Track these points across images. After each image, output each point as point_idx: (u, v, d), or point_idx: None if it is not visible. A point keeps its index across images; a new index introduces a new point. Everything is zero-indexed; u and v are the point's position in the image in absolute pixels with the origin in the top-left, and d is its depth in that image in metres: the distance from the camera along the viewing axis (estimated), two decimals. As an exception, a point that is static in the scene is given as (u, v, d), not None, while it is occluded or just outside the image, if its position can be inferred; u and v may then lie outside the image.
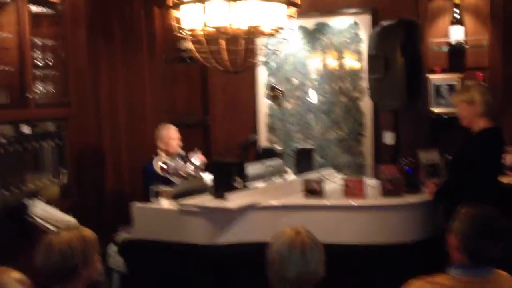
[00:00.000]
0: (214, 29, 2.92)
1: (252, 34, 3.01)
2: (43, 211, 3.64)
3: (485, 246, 2.02)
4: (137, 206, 3.62)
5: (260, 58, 3.39)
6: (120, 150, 5.17)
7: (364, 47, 4.80)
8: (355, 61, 4.90)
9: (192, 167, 4.14)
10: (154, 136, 4.55)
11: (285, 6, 3.11)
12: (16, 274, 1.48)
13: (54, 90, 4.42)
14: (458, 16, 4.56)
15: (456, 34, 4.57)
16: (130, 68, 5.18)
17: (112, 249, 4.09)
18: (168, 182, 4.04)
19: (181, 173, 4.23)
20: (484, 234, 2.03)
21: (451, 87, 4.55)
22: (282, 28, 3.14)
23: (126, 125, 5.19)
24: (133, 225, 3.61)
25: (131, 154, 5.19)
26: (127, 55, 5.16)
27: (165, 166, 4.15)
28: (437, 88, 4.63)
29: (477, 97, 3.19)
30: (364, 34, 4.84)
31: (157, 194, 3.62)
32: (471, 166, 3.13)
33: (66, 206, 4.17)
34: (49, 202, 3.94)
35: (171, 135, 4.51)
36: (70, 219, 3.80)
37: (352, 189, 3.39)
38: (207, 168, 4.26)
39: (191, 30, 3.01)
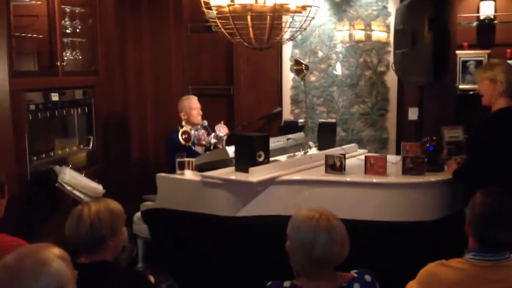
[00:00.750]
0: (240, 6, 2.92)
1: (278, 11, 3.00)
2: (72, 178, 3.75)
3: (494, 232, 2.05)
4: (161, 176, 3.70)
5: (286, 35, 3.38)
6: (146, 118, 5.27)
7: (391, 20, 4.73)
8: (382, 35, 4.84)
9: (214, 137, 4.20)
10: (178, 108, 4.61)
11: (312, -18, 3.09)
12: (57, 250, 1.56)
13: (81, 58, 4.50)
14: (489, -9, 4.47)
15: (486, 9, 4.48)
16: (156, 36, 5.23)
17: (137, 216, 4.21)
18: (191, 153, 4.12)
19: (202, 142, 4.30)
20: (493, 221, 2.06)
21: (478, 63, 4.48)
22: (309, 6, 3.11)
23: (152, 93, 5.28)
24: (157, 194, 3.70)
25: (156, 123, 5.28)
26: (154, 24, 5.20)
27: (185, 135, 4.22)
28: (464, 64, 4.57)
29: (500, 76, 3.15)
30: (392, 7, 4.76)
31: (181, 165, 3.69)
32: (487, 146, 3.12)
33: (93, 172, 4.30)
34: (76, 168, 4.06)
35: (192, 105, 4.57)
36: (97, 186, 3.91)
37: (373, 166, 3.41)
38: (229, 139, 4.33)
39: (218, 7, 3.01)
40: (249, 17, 3.08)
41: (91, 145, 4.48)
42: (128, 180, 5.07)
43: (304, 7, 3.11)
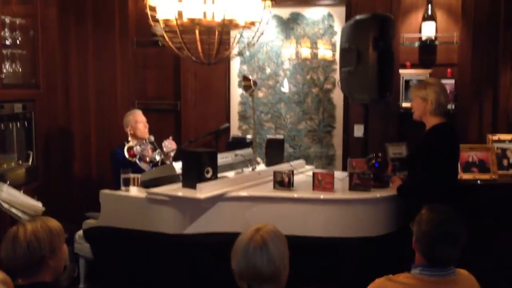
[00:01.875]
0: (188, 20, 2.89)
1: (227, 26, 2.99)
2: (9, 195, 3.58)
3: (441, 249, 2.09)
4: (105, 193, 3.59)
5: (234, 51, 3.37)
6: (89, 133, 5.12)
7: (337, 39, 4.83)
8: (328, 53, 4.92)
9: (159, 153, 4.11)
10: (123, 124, 4.50)
11: (260, -1, 3.10)
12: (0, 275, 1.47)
13: (21, 70, 4.33)
14: (430, 12, 4.62)
15: (428, 30, 4.64)
16: (101, 50, 5.11)
17: (79, 234, 4.06)
18: (137, 169, 4.02)
19: (147, 158, 4.20)
20: (438, 237, 2.10)
21: (416, 83, 4.62)
22: (257, 22, 3.12)
23: (96, 107, 5.14)
24: (101, 212, 3.58)
25: (100, 137, 5.14)
26: (99, 37, 5.08)
27: (132, 151, 4.12)
28: (407, 83, 4.69)
29: (431, 96, 3.28)
30: (338, 26, 4.86)
31: (126, 181, 3.59)
32: (426, 163, 3.22)
33: (32, 190, 4.12)
34: (14, 185, 3.88)
35: (137, 118, 4.48)
36: (36, 203, 3.75)
37: (321, 183, 3.43)
38: (176, 155, 4.25)
39: (166, 20, 2.97)
40: (197, 31, 3.05)
41: (30, 160, 4.31)
42: (70, 197, 4.90)
43: (252, 23, 3.11)
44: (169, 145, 4.21)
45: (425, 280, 2.09)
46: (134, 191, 3.54)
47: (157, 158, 4.04)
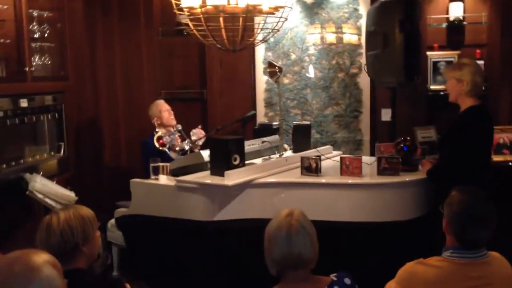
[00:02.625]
0: (212, 7, 2.89)
1: (251, 12, 2.98)
2: (43, 186, 3.67)
3: (473, 231, 2.07)
4: (135, 181, 3.65)
5: (258, 37, 3.36)
6: (118, 123, 5.19)
7: (362, 22, 4.78)
8: (354, 37, 4.88)
9: (188, 143, 4.15)
10: (149, 116, 4.55)
11: (285, -17, 3.08)
12: (47, 257, 1.51)
13: (51, 63, 4.40)
14: (458, -8, 4.54)
15: (455, 10, 4.56)
16: (127, 40, 5.16)
17: (111, 223, 4.14)
18: (166, 159, 4.07)
19: (176, 148, 4.26)
20: (469, 219, 2.08)
21: (449, 64, 4.54)
22: (281, 7, 3.10)
23: (124, 98, 5.21)
24: (132, 201, 3.64)
25: (128, 127, 5.21)
26: (124, 28, 5.13)
27: (161, 140, 4.18)
28: (435, 65, 4.62)
29: (467, 76, 3.21)
30: (363, 10, 4.81)
31: (156, 170, 3.64)
32: (460, 145, 3.17)
33: (64, 180, 4.20)
34: (47, 176, 3.96)
35: (161, 107, 4.54)
36: (69, 193, 3.83)
37: (349, 167, 3.42)
38: (204, 143, 4.29)
39: (190, 8, 2.98)
40: (221, 19, 3.06)
41: (62, 151, 4.39)
42: (101, 186, 4.99)
43: (276, 8, 3.10)
44: (198, 133, 4.26)
45: (457, 262, 2.07)
46: (164, 179, 3.58)
47: (186, 147, 4.09)
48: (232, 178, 3.31)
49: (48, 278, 1.46)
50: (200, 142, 4.29)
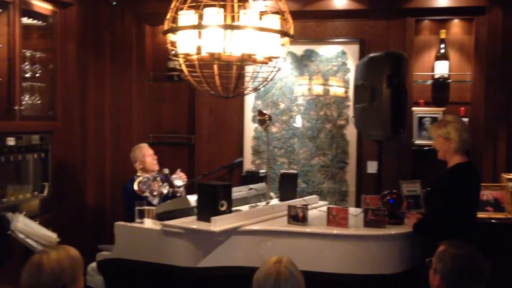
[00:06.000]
0: (208, 54, 2.95)
1: (245, 61, 3.05)
2: (25, 226, 3.60)
3: (468, 286, 2.05)
4: (119, 224, 3.60)
5: (251, 85, 3.42)
6: (104, 165, 5.16)
7: (351, 76, 4.90)
8: (342, 89, 4.98)
9: (165, 186, 4.10)
10: (131, 159, 4.53)
11: (278, 36, 3.16)
12: None
13: (40, 102, 4.41)
14: (443, 51, 4.68)
15: (441, 68, 4.69)
16: (118, 83, 5.20)
17: (92, 266, 4.05)
18: (148, 204, 4.02)
19: (154, 193, 4.19)
20: (465, 275, 2.05)
21: (433, 120, 4.63)
22: (275, 57, 3.18)
23: (112, 140, 5.20)
24: (115, 244, 3.58)
25: (114, 170, 5.18)
26: (116, 71, 5.18)
27: (139, 185, 4.11)
28: (420, 120, 4.71)
29: (453, 134, 3.26)
30: (351, 63, 4.93)
31: (141, 213, 3.60)
32: (447, 202, 3.19)
33: (46, 220, 4.13)
34: (29, 215, 3.90)
35: (145, 152, 4.50)
36: (51, 234, 3.76)
37: (336, 218, 3.42)
38: (189, 188, 4.26)
39: (185, 54, 3.03)
40: (215, 66, 3.11)
41: (45, 191, 4.34)
42: (83, 228, 4.89)
43: (270, 58, 3.17)
44: (179, 177, 4.20)
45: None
46: (149, 223, 3.55)
47: (164, 191, 4.03)
48: (219, 224, 3.29)
49: None
50: (182, 188, 4.23)
